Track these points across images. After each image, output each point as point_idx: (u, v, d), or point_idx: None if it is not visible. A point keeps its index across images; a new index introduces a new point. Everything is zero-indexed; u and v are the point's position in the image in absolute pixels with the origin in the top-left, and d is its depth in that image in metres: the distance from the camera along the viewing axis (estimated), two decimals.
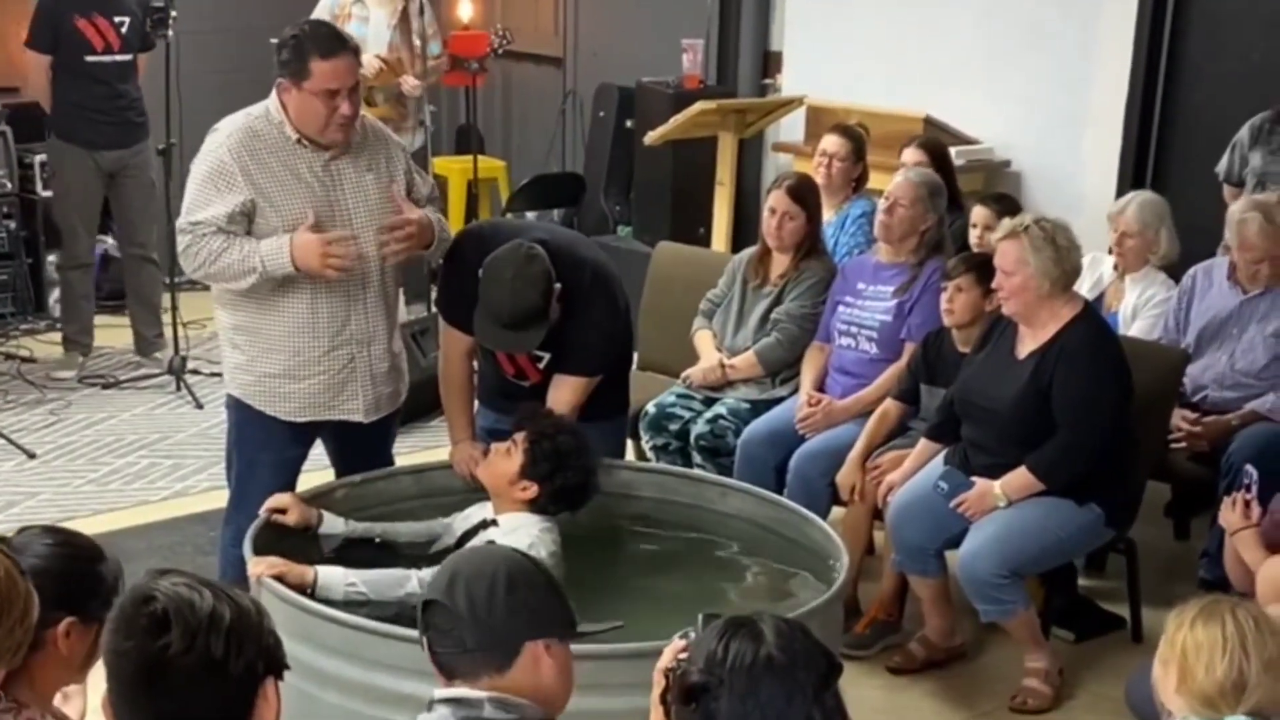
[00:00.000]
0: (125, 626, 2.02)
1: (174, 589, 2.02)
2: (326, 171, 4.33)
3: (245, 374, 4.45)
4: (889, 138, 6.72)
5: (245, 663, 2.01)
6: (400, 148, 4.59)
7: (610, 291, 4.48)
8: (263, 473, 4.46)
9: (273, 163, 4.28)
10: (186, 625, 1.98)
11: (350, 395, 4.46)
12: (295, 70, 4.22)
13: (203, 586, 2.04)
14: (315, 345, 4.38)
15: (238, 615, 2.03)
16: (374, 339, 4.45)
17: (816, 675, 2.47)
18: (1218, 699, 2.88)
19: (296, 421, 4.45)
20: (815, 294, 5.50)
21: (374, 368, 4.48)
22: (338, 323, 4.38)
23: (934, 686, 4.87)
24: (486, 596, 2.58)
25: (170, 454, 6.66)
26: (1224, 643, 2.89)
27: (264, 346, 4.40)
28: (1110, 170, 7.06)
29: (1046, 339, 4.64)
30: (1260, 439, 5.14)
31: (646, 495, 4.52)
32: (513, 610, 2.59)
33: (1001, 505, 4.65)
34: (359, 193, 4.37)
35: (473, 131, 9.05)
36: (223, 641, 1.99)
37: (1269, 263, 5.34)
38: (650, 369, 6.07)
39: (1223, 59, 6.83)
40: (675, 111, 7.67)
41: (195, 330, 7.68)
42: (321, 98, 4.22)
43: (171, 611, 1.99)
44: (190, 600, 2.01)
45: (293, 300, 4.34)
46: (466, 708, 2.54)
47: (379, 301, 4.46)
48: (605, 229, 8.96)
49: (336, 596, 3.71)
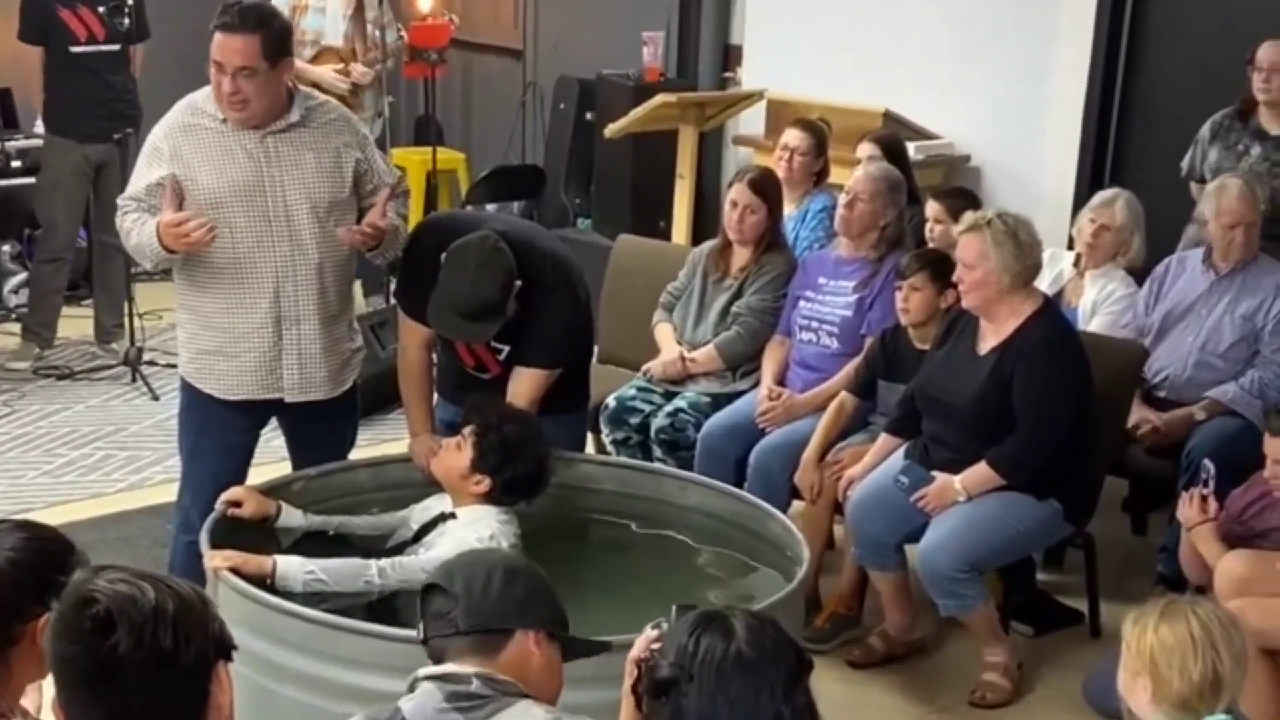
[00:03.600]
0: (68, 631, 1.98)
1: (113, 587, 1.99)
2: (260, 147, 4.31)
3: (185, 351, 4.48)
4: (849, 132, 6.73)
5: (195, 651, 1.99)
6: (365, 138, 4.56)
7: (571, 284, 4.46)
8: (205, 457, 4.45)
9: (199, 143, 4.29)
10: (132, 622, 1.95)
11: (276, 374, 4.42)
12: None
13: (141, 580, 2.01)
14: (245, 321, 4.35)
15: (181, 605, 2.00)
16: (303, 318, 4.38)
17: (786, 672, 2.46)
18: (1196, 701, 2.87)
19: (230, 400, 4.41)
20: (776, 288, 5.50)
21: (303, 347, 4.41)
22: (265, 300, 4.34)
23: (893, 681, 4.87)
24: (484, 582, 2.64)
25: (126, 446, 6.61)
26: (1194, 643, 2.89)
27: (201, 324, 4.40)
28: (1069, 166, 7.08)
29: (1007, 334, 4.65)
30: (1219, 434, 5.16)
31: (606, 489, 4.51)
32: (507, 597, 2.64)
33: (961, 500, 4.65)
34: (294, 170, 4.33)
35: (432, 123, 9.01)
36: (170, 633, 1.96)
37: (1243, 229, 5.35)
38: (611, 362, 6.05)
39: (1181, 57, 6.86)
40: (636, 104, 7.65)
41: (151, 321, 7.63)
42: (215, 69, 4.23)
43: (115, 610, 1.96)
44: (132, 596, 1.98)
45: (221, 277, 4.32)
46: (453, 682, 2.56)
47: (312, 281, 4.37)
48: (565, 222, 8.93)
49: (296, 587, 3.68)
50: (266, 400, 4.44)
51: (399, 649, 3.37)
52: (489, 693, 2.54)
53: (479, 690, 2.54)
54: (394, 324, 5.15)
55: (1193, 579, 4.63)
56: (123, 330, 7.62)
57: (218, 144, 4.28)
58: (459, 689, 2.54)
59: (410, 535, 4.12)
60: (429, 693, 2.56)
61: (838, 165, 6.37)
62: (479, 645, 2.61)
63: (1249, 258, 5.41)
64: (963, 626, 4.86)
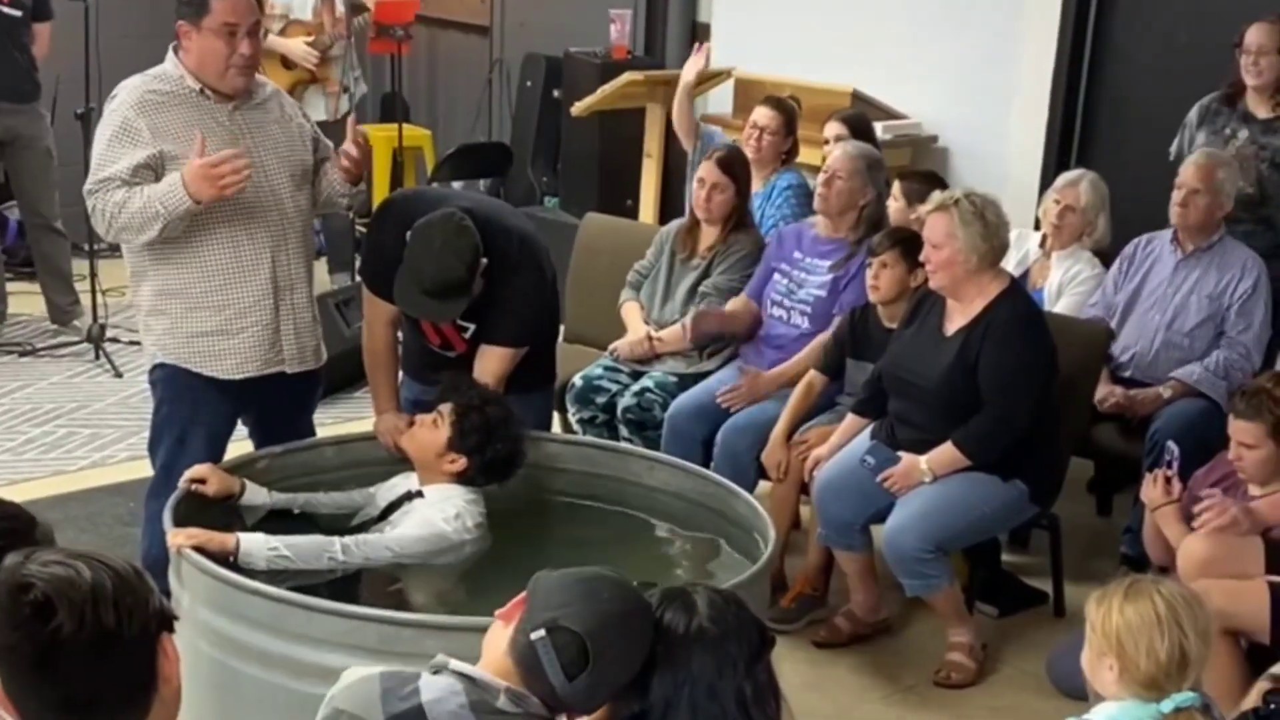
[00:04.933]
0: (8, 619, 1.96)
1: (48, 570, 1.96)
2: (233, 120, 4.30)
3: (172, 338, 4.36)
4: (816, 111, 6.71)
5: (138, 626, 1.97)
6: (308, 119, 4.58)
7: (537, 262, 4.44)
8: (194, 446, 4.37)
9: (176, 117, 4.23)
10: (72, 604, 1.93)
11: (280, 345, 4.41)
12: (196, 8, 4.19)
13: (74, 560, 1.99)
14: (245, 295, 4.32)
15: (119, 581, 1.98)
16: (296, 285, 4.41)
17: (749, 648, 2.47)
18: (1163, 680, 2.88)
19: (234, 379, 4.37)
20: (743, 267, 5.49)
21: (298, 316, 4.43)
22: (264, 270, 4.33)
23: (859, 660, 4.88)
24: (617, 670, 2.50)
25: (88, 423, 6.56)
26: (1160, 623, 2.89)
27: (190, 305, 4.32)
28: (1036, 147, 7.08)
29: (974, 315, 4.65)
30: (1183, 416, 5.18)
31: (573, 468, 4.49)
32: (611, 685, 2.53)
33: (927, 481, 4.66)
34: (267, 140, 4.34)
35: (398, 99, 8.97)
36: (112, 611, 1.94)
37: (1192, 197, 5.36)
38: (577, 341, 6.03)
39: (1148, 39, 6.86)
40: (603, 82, 7.62)
41: (115, 298, 7.56)
42: (222, 35, 4.19)
43: (53, 594, 1.94)
44: (68, 578, 1.95)
45: (215, 253, 4.28)
46: (480, 690, 2.47)
47: (300, 246, 4.42)
48: (532, 200, 8.91)
49: (259, 564, 3.66)
50: (260, 377, 4.41)
51: (362, 627, 3.37)
52: (514, 710, 2.46)
53: (504, 706, 2.46)
54: (359, 301, 5.13)
55: (1156, 560, 4.64)
56: (79, 308, 7.57)
57: (194, 119, 4.24)
58: (484, 699, 2.46)
59: (376, 513, 4.10)
60: (453, 689, 2.47)
61: (805, 145, 6.36)
62: (566, 706, 2.52)
63: (1213, 236, 5.42)
64: (928, 607, 4.87)
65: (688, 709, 2.44)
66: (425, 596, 3.85)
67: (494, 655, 2.52)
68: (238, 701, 3.54)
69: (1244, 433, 4.36)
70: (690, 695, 2.45)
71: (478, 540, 3.98)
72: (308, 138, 4.49)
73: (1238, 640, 4.11)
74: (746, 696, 2.46)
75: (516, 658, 2.47)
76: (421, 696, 2.45)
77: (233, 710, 3.56)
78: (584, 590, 2.51)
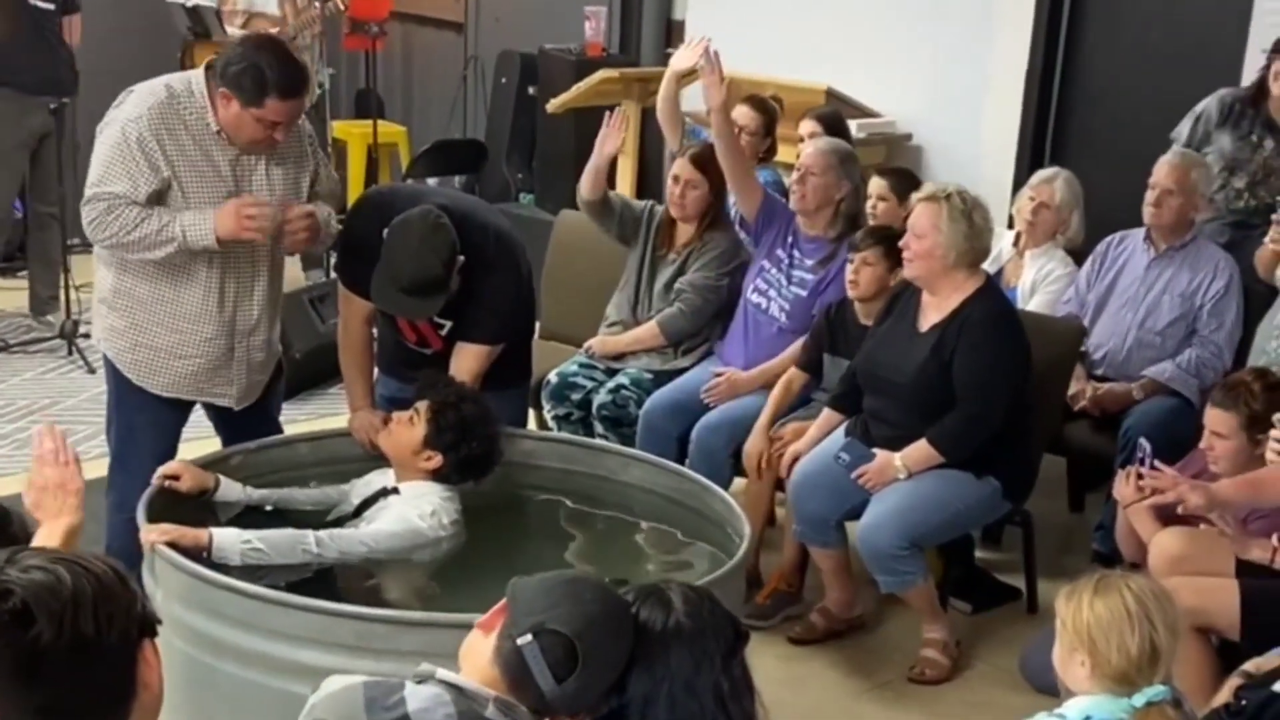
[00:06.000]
0: None
1: (28, 577, 1.95)
2: (238, 163, 4.26)
3: (121, 340, 4.37)
4: (791, 109, 6.71)
5: (119, 633, 1.96)
6: (311, 137, 4.53)
7: (513, 258, 4.44)
8: (142, 435, 4.40)
9: (189, 145, 4.19)
10: (51, 612, 1.92)
11: (224, 381, 4.42)
12: (249, 95, 4.10)
13: (56, 564, 1.97)
14: (201, 330, 4.32)
15: (100, 588, 1.96)
16: (257, 329, 4.42)
17: (724, 643, 2.47)
18: (1135, 674, 2.89)
19: (162, 396, 4.40)
20: (719, 264, 5.49)
21: (251, 357, 4.44)
22: (228, 311, 4.34)
23: (834, 657, 4.89)
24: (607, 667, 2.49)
25: (61, 419, 6.49)
26: (1130, 617, 2.90)
27: (146, 318, 4.32)
28: (1009, 145, 7.11)
29: (949, 312, 4.67)
30: (1156, 413, 5.20)
31: (548, 465, 4.49)
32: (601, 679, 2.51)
33: (902, 477, 4.67)
34: (266, 187, 4.30)
35: (372, 96, 8.96)
36: (92, 619, 1.93)
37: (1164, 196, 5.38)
38: (553, 338, 6.03)
39: (1121, 37, 6.89)
40: (578, 79, 7.63)
41: (88, 294, 7.51)
42: (264, 125, 4.15)
43: (32, 601, 1.93)
44: (48, 585, 1.94)
45: (187, 282, 4.28)
46: (468, 699, 2.44)
47: (267, 292, 4.42)
48: (507, 196, 8.90)
49: (233, 559, 3.65)
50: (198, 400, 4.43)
51: (338, 623, 3.37)
52: (503, 719, 2.45)
53: (493, 716, 2.43)
54: (334, 298, 5.12)
55: (1128, 556, 4.66)
56: (58, 302, 7.54)
57: (199, 153, 4.20)
58: (472, 708, 2.43)
59: (351, 510, 4.09)
60: (440, 699, 2.43)
61: (781, 143, 6.36)
62: (555, 710, 2.50)
63: (1185, 235, 5.45)
64: (902, 603, 4.89)
65: (666, 705, 2.45)
66: (401, 593, 3.85)
67: (477, 664, 2.50)
68: (213, 698, 3.53)
69: (1218, 421, 4.38)
70: (668, 691, 2.45)
71: (453, 537, 3.98)
72: (305, 180, 4.42)
73: (1208, 638, 4.13)
74: (724, 691, 2.47)
75: (503, 665, 2.45)
76: (408, 706, 2.41)
77: (209, 707, 3.55)
78: (566, 592, 2.50)
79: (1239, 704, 3.53)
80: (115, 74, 4.35)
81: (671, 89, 5.62)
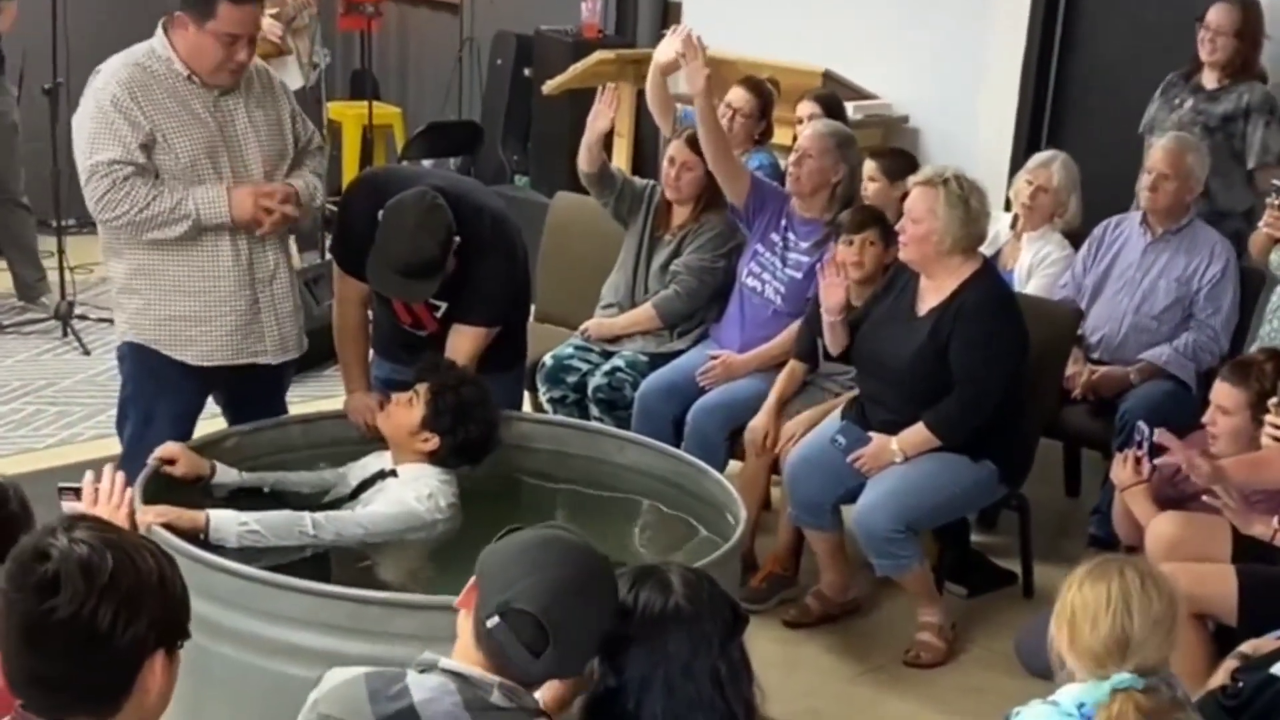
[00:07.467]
0: (14, 578, 1.95)
1: (72, 549, 1.94)
2: (218, 108, 4.27)
3: (144, 318, 4.34)
4: (788, 91, 6.70)
5: (133, 635, 1.95)
6: (286, 91, 4.54)
7: (509, 240, 4.43)
8: (160, 425, 4.35)
9: (165, 98, 4.19)
10: (75, 591, 1.91)
11: (256, 336, 4.40)
12: (201, 9, 4.13)
13: (107, 547, 1.96)
14: (221, 285, 4.31)
15: (135, 584, 1.95)
16: (276, 275, 4.41)
17: (723, 626, 2.47)
18: (1104, 656, 2.91)
19: (205, 366, 4.36)
20: (715, 246, 5.48)
21: (279, 306, 4.43)
22: (243, 262, 4.32)
23: (829, 640, 4.89)
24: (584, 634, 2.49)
25: (56, 401, 6.53)
26: (1108, 602, 2.92)
27: (167, 288, 4.30)
28: (1006, 128, 7.10)
29: (946, 296, 4.66)
30: (1153, 396, 5.20)
31: (544, 447, 4.48)
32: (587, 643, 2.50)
33: (898, 461, 4.66)
34: (250, 130, 4.32)
35: (368, 77, 8.93)
36: (111, 611, 1.92)
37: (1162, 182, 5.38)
38: (548, 321, 6.02)
39: (1118, 19, 6.88)
40: (574, 61, 7.61)
41: (83, 275, 7.53)
42: (221, 41, 4.16)
43: (63, 575, 1.92)
44: (87, 564, 1.93)
45: (196, 245, 4.27)
46: (473, 687, 2.43)
47: (276, 238, 4.41)
48: (503, 178, 8.88)
49: (230, 540, 3.65)
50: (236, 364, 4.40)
51: (333, 605, 3.36)
52: (509, 705, 2.43)
53: (499, 702, 2.42)
54: (329, 280, 5.11)
55: (1125, 539, 4.66)
56: (46, 285, 7.52)
57: (178, 103, 4.21)
58: (478, 696, 2.42)
59: (348, 492, 4.09)
60: (445, 688, 2.43)
61: (777, 125, 6.34)
62: (542, 675, 2.52)
63: (1182, 219, 5.45)
64: (898, 587, 4.89)
65: (663, 688, 2.45)
66: (397, 575, 3.85)
67: (465, 645, 2.50)
68: (209, 680, 3.51)
69: (1225, 396, 4.38)
70: (666, 674, 2.45)
71: (450, 520, 3.98)
72: (288, 122, 4.44)
73: (1205, 623, 4.13)
74: (721, 675, 2.46)
75: (484, 648, 2.46)
76: (413, 696, 2.41)
77: (204, 689, 3.53)
78: (530, 562, 2.47)
79: (1236, 686, 3.53)
80: (109, 53, 4.33)
81: (657, 79, 5.61)
